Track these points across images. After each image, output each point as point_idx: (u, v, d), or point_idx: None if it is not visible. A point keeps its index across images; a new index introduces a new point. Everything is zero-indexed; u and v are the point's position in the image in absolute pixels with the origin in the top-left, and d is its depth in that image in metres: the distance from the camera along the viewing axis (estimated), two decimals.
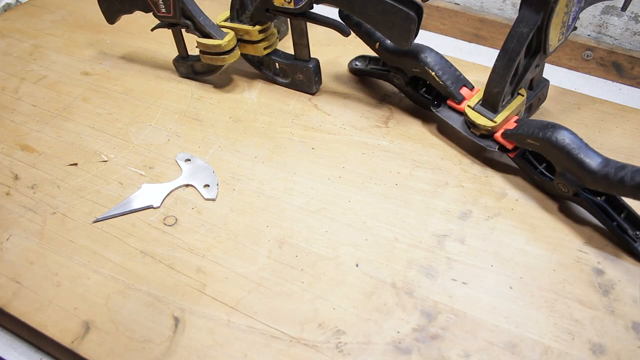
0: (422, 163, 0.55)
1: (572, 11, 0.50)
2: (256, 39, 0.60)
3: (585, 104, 0.62)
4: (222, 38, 0.59)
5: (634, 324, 0.42)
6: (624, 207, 0.47)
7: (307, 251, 0.47)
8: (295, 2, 0.54)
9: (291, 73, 0.62)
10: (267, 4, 0.56)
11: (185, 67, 0.65)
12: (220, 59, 0.60)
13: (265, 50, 0.61)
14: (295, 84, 0.63)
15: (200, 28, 0.59)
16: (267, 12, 0.57)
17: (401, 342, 0.40)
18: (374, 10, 0.50)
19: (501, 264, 0.46)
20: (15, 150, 0.57)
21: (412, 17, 0.48)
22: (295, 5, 0.54)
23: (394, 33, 0.50)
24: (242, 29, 0.59)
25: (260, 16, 0.58)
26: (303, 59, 0.61)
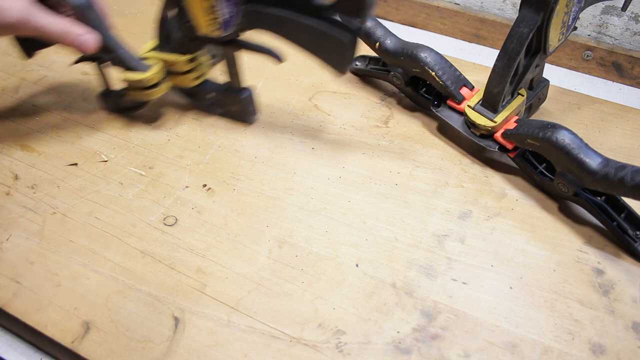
0: (422, 163, 0.55)
1: (572, 11, 0.50)
2: (184, 69, 0.55)
3: (585, 104, 0.62)
4: (146, 71, 0.54)
5: (634, 324, 0.42)
6: (624, 207, 0.47)
7: (307, 251, 0.47)
8: (223, 29, 0.49)
9: (225, 103, 0.58)
10: (193, 32, 0.51)
11: (111, 103, 0.60)
12: (146, 94, 0.55)
13: (195, 81, 0.56)
14: (231, 114, 0.59)
15: (122, 61, 0.53)
16: (193, 41, 0.52)
17: (401, 342, 0.40)
18: (307, 36, 0.46)
19: (501, 264, 0.46)
20: (15, 150, 0.57)
21: (345, 44, 0.44)
22: (223, 34, 0.50)
23: (330, 60, 0.46)
24: (168, 59, 0.54)
25: (186, 45, 0.53)
26: (236, 89, 0.57)
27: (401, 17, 0.78)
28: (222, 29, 0.49)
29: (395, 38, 0.58)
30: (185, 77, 0.56)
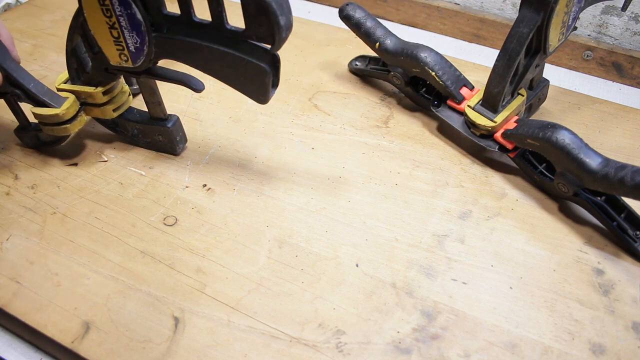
0: (422, 163, 0.55)
1: (572, 11, 0.50)
2: (101, 101, 0.51)
3: (585, 104, 0.62)
4: (59, 105, 0.50)
5: (634, 324, 0.42)
6: (624, 207, 0.47)
7: (307, 251, 0.47)
8: (133, 60, 0.46)
9: (150, 134, 0.55)
10: (105, 63, 0.48)
11: (29, 138, 0.56)
12: (63, 129, 0.51)
13: (115, 112, 0.53)
14: (157, 145, 0.56)
15: (32, 96, 0.49)
16: (106, 71, 0.49)
17: (401, 342, 0.40)
18: (221, 64, 0.42)
19: (501, 264, 0.46)
20: (15, 150, 0.57)
21: (264, 70, 0.40)
22: (134, 64, 0.46)
23: (249, 89, 0.43)
24: (83, 91, 0.51)
25: (100, 76, 0.50)
26: (159, 118, 0.54)
27: (401, 17, 0.78)
28: (131, 60, 0.46)
29: (395, 38, 0.58)
30: (105, 109, 0.52)
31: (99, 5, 0.43)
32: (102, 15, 0.44)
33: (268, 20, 0.37)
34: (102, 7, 0.43)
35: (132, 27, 0.44)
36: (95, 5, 0.43)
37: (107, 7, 0.43)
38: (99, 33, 0.45)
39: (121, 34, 0.44)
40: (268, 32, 0.38)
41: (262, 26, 0.38)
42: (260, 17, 0.37)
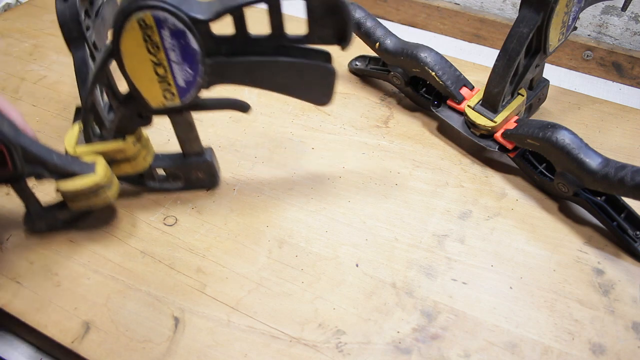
0: (422, 163, 0.55)
1: (572, 11, 0.50)
2: (132, 153, 0.46)
3: (585, 104, 0.62)
4: (92, 171, 0.43)
5: (634, 324, 0.42)
6: (624, 207, 0.47)
7: (307, 251, 0.47)
8: (181, 96, 0.42)
9: (185, 174, 0.51)
10: (141, 108, 0.43)
11: (46, 221, 0.48)
12: (103, 198, 0.44)
13: (147, 160, 0.48)
14: (193, 184, 0.52)
15: (58, 170, 0.42)
16: (140, 117, 0.44)
17: (401, 342, 0.40)
18: (284, 76, 0.41)
19: (501, 264, 0.46)
20: None
21: (330, 71, 0.41)
22: (182, 101, 0.42)
23: (313, 93, 0.42)
24: (112, 148, 0.45)
25: (129, 125, 0.44)
26: (196, 153, 0.49)
27: (401, 17, 0.78)
28: (179, 96, 0.42)
29: (395, 38, 0.58)
30: (137, 161, 0.46)
31: (143, 42, 0.38)
32: (146, 54, 0.38)
33: (341, 20, 0.37)
34: (148, 44, 0.38)
35: (184, 59, 0.39)
36: (137, 44, 0.38)
37: (154, 43, 0.38)
38: (140, 75, 0.40)
39: (169, 70, 0.40)
40: (335, 32, 0.38)
41: (327, 27, 0.38)
42: (327, 19, 0.37)
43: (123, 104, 0.43)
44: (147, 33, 0.37)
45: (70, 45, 0.48)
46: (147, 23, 0.36)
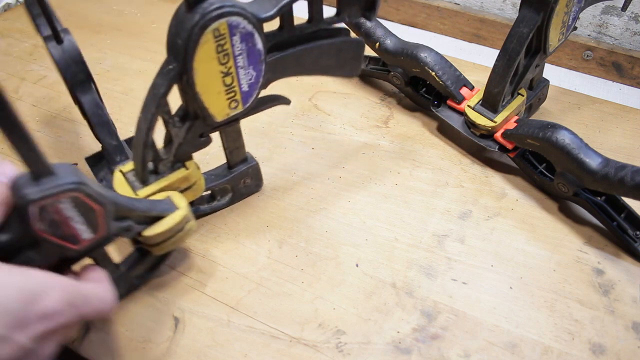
0: (422, 163, 0.55)
1: (572, 11, 0.50)
2: (197, 178, 0.44)
3: (585, 104, 0.62)
4: (172, 207, 0.40)
5: (634, 324, 0.42)
6: (624, 207, 0.47)
7: (307, 251, 0.47)
8: (244, 102, 0.41)
9: (234, 186, 0.49)
10: (204, 127, 0.42)
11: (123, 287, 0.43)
12: (187, 232, 0.41)
13: (203, 183, 0.46)
14: (240, 193, 0.51)
15: (143, 218, 0.38)
16: (201, 137, 0.43)
17: (401, 342, 0.40)
18: (327, 56, 0.43)
19: (501, 264, 0.46)
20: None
21: (360, 42, 0.44)
22: (244, 107, 0.42)
23: (345, 68, 0.45)
24: (178, 178, 0.42)
25: (191, 148, 0.43)
26: (242, 160, 0.49)
27: (401, 17, 0.78)
28: (242, 102, 0.41)
29: (395, 38, 0.58)
30: (197, 187, 0.45)
31: (215, 54, 0.36)
32: (217, 65, 0.37)
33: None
34: (219, 55, 0.37)
35: (250, 62, 0.39)
36: (209, 57, 0.36)
37: (225, 52, 0.37)
38: (208, 89, 0.38)
39: (236, 77, 0.39)
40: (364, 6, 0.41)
41: (355, 4, 0.41)
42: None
43: (185, 127, 0.41)
44: (220, 43, 0.36)
45: (76, 90, 0.43)
46: (221, 32, 0.36)
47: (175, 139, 0.41)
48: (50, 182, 0.30)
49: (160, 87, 0.37)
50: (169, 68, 0.37)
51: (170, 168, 0.43)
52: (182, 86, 0.38)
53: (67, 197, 0.31)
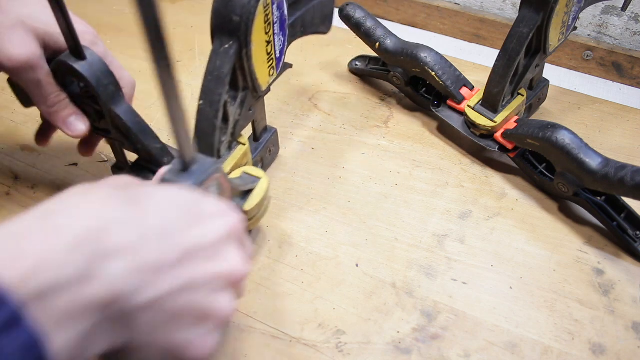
0: (422, 163, 0.55)
1: (572, 11, 0.50)
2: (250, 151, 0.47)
3: (585, 104, 0.62)
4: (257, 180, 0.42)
5: (634, 324, 0.42)
6: (624, 207, 0.47)
7: (307, 251, 0.47)
8: (277, 68, 0.44)
9: (263, 156, 0.51)
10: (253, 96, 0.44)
11: None
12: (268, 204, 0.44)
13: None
14: (267, 163, 0.53)
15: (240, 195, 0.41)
16: (249, 111, 0.46)
17: (401, 342, 0.40)
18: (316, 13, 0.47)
19: (501, 264, 0.46)
20: (15, 150, 0.57)
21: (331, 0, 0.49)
22: (277, 72, 0.45)
23: (323, 25, 0.49)
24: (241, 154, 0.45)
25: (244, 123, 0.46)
26: (264, 129, 0.51)
27: (401, 17, 0.78)
28: (276, 68, 0.43)
29: (395, 38, 0.58)
30: (249, 161, 0.47)
31: (263, 24, 0.39)
32: (264, 35, 0.40)
33: None
34: (266, 25, 0.39)
35: (281, 28, 0.42)
36: (260, 28, 0.39)
37: (268, 22, 0.40)
38: (257, 60, 0.41)
39: (273, 44, 0.42)
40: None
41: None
42: None
43: (238, 103, 0.42)
44: (267, 13, 0.39)
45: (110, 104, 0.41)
46: (267, 2, 0.39)
47: (232, 117, 0.42)
48: (200, 168, 0.31)
49: (223, 67, 0.39)
50: (226, 47, 0.38)
51: (229, 149, 0.44)
52: (239, 62, 0.40)
53: (214, 179, 0.32)
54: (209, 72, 0.39)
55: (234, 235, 0.29)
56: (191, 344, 0.27)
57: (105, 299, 0.23)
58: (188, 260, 0.26)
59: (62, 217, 0.24)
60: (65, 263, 0.22)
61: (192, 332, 0.27)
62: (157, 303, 0.25)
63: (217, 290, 0.27)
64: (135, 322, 0.25)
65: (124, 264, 0.24)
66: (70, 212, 0.24)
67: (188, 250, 0.26)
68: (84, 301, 0.23)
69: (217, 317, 0.28)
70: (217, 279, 0.27)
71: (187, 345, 0.27)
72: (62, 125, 0.42)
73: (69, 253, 0.23)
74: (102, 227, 0.24)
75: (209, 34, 0.40)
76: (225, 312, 0.28)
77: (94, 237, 0.24)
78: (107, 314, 0.24)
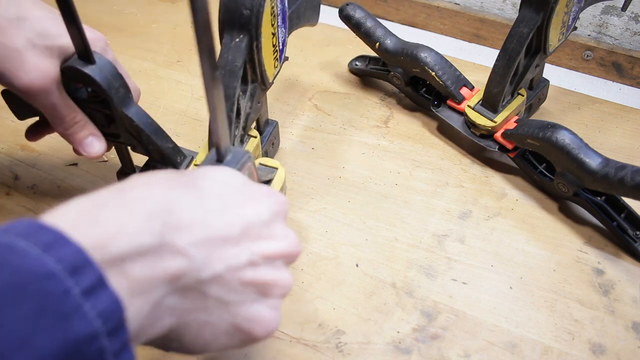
0: (422, 163, 0.55)
1: (572, 11, 0.50)
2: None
3: (585, 104, 0.62)
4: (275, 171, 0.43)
5: (634, 324, 0.42)
6: (624, 207, 0.47)
7: (307, 251, 0.47)
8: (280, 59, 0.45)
9: (267, 149, 0.52)
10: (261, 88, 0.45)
11: None
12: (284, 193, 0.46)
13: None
14: (271, 155, 0.54)
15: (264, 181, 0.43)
16: (258, 103, 0.47)
17: (401, 342, 0.40)
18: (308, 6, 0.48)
19: (501, 264, 0.46)
20: (15, 150, 0.57)
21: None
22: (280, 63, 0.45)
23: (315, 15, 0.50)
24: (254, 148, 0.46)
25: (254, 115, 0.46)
26: (267, 123, 0.52)
27: (401, 17, 0.78)
28: (279, 60, 0.44)
29: (395, 38, 0.58)
30: (259, 154, 0.48)
31: (270, 17, 0.40)
32: (270, 27, 0.41)
33: None
34: (272, 17, 0.40)
35: (282, 20, 0.43)
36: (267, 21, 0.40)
37: (274, 14, 0.41)
38: (265, 52, 0.41)
39: (277, 36, 0.42)
40: None
41: None
42: None
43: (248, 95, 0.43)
44: (272, 5, 0.39)
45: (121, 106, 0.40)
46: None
47: (243, 110, 0.43)
48: (234, 158, 0.32)
49: (236, 61, 0.39)
50: (237, 41, 0.39)
51: (241, 142, 0.45)
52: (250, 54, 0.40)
53: (247, 168, 0.33)
54: (221, 67, 0.40)
55: (282, 213, 0.30)
56: (258, 318, 0.27)
57: (177, 270, 0.24)
58: (249, 235, 0.27)
59: (136, 192, 0.25)
60: (141, 231, 0.23)
61: (258, 306, 0.28)
62: (226, 275, 0.26)
63: (276, 265, 0.28)
64: (204, 295, 0.25)
65: (194, 236, 0.25)
66: (142, 189, 0.25)
67: (249, 226, 0.27)
68: (158, 270, 0.23)
69: (279, 290, 0.28)
70: (275, 252, 0.28)
71: (254, 320, 0.27)
72: (79, 146, 0.42)
73: (145, 222, 0.24)
74: (171, 203, 0.25)
75: None
76: (285, 285, 0.29)
77: (165, 210, 0.24)
78: (178, 286, 0.24)
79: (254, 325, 0.27)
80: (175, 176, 0.27)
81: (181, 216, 0.25)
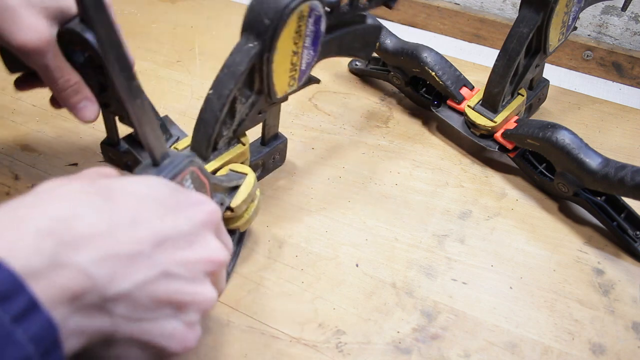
0: (422, 163, 0.55)
1: (572, 11, 0.50)
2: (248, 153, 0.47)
3: (585, 104, 0.62)
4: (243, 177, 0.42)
5: (634, 324, 0.42)
6: (624, 207, 0.47)
7: (307, 251, 0.47)
8: (300, 80, 0.44)
9: (265, 161, 0.51)
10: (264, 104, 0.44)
11: None
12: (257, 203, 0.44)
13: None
14: (269, 169, 0.52)
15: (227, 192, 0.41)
16: (259, 113, 0.45)
17: (401, 342, 0.40)
18: (356, 39, 0.46)
19: (501, 264, 0.46)
20: (15, 150, 0.57)
21: (380, 26, 0.48)
22: (299, 83, 0.44)
23: (367, 49, 0.48)
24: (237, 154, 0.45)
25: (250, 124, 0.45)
26: (274, 137, 0.51)
27: (401, 17, 0.78)
28: (298, 80, 0.43)
29: (395, 38, 0.58)
30: (247, 162, 0.47)
31: (294, 34, 0.39)
32: (292, 45, 0.40)
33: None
34: (296, 35, 0.39)
35: (313, 43, 0.41)
36: (289, 37, 0.39)
37: (300, 33, 0.39)
38: (278, 67, 0.41)
39: (300, 56, 0.42)
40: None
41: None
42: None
43: (249, 104, 0.43)
44: (300, 24, 0.39)
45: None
46: (304, 14, 0.38)
47: (238, 114, 0.42)
48: (171, 163, 0.31)
49: (240, 64, 0.39)
50: (249, 46, 0.38)
51: (228, 144, 0.44)
52: (259, 64, 0.40)
53: (188, 173, 0.32)
54: (225, 66, 0.40)
55: (209, 224, 0.29)
56: (172, 335, 0.27)
57: (77, 288, 0.23)
58: (163, 249, 0.26)
59: (31, 208, 0.24)
60: (30, 252, 0.22)
61: (172, 322, 0.27)
62: (134, 293, 0.25)
63: (195, 278, 0.27)
64: (112, 313, 0.25)
65: (94, 252, 0.24)
66: (37, 204, 0.24)
67: (162, 239, 0.26)
68: (54, 290, 0.22)
69: (197, 306, 0.27)
70: (193, 265, 0.27)
71: (168, 337, 0.26)
72: (72, 110, 0.42)
73: (35, 241, 0.22)
74: (70, 217, 0.24)
75: (209, 34, 0.41)
76: (205, 300, 0.28)
77: (61, 227, 0.23)
78: (82, 304, 0.23)
79: (169, 341, 0.27)
80: (89, 188, 0.26)
81: (82, 230, 0.24)
